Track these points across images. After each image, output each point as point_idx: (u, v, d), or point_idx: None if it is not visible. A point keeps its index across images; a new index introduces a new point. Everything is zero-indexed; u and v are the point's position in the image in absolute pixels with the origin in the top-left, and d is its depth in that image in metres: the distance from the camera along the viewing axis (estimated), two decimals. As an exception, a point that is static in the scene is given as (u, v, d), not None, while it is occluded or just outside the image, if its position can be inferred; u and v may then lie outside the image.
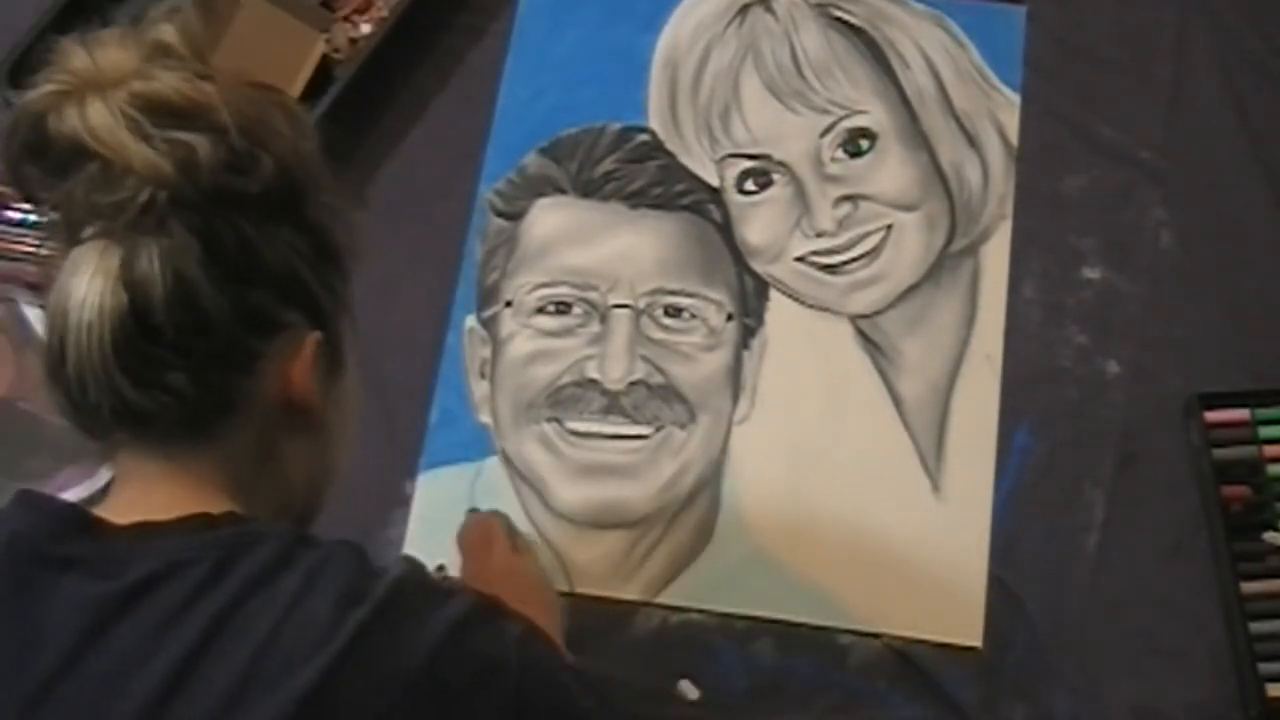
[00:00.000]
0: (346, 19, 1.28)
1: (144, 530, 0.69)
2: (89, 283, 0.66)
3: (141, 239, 0.66)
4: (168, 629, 0.65)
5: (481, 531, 1.06)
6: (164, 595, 0.66)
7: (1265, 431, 1.10)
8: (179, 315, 0.66)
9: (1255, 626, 1.04)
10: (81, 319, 0.66)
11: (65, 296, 0.67)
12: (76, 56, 0.68)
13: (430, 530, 1.12)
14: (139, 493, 0.71)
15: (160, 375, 0.67)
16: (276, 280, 0.70)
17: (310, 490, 0.79)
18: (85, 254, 0.67)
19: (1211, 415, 1.10)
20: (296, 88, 1.23)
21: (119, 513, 0.70)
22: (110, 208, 0.66)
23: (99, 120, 0.66)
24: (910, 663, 1.06)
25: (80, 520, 0.70)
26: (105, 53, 0.68)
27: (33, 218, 1.21)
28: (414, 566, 0.73)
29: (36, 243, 1.20)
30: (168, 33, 0.70)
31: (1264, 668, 1.03)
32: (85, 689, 0.65)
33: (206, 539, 0.68)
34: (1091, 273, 1.18)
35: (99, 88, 0.67)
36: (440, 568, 1.04)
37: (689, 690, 1.05)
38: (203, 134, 0.67)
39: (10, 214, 1.22)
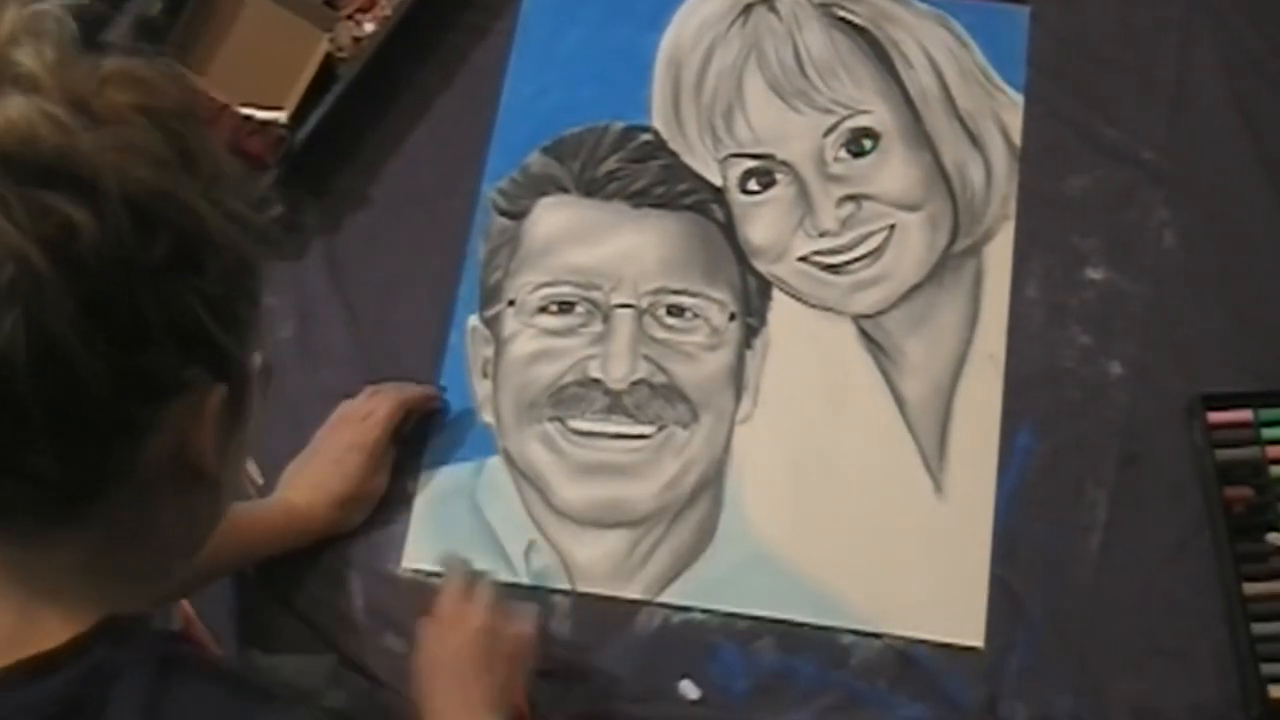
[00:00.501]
0: (350, 18, 1.28)
1: None
2: None
3: (3, 302, 0.53)
4: None
5: (455, 598, 1.00)
6: None
7: (1268, 433, 1.10)
8: (47, 389, 0.54)
9: (1257, 627, 1.04)
10: None
11: None
12: None
13: (431, 529, 1.12)
14: None
15: (20, 458, 0.56)
16: (176, 336, 0.57)
17: (191, 542, 0.68)
18: None
19: (1214, 416, 1.10)
20: (300, 87, 1.23)
21: None
22: None
23: None
24: (912, 663, 1.06)
25: None
26: None
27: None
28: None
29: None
30: (25, 53, 0.54)
31: (1266, 669, 1.03)
32: None
33: (42, 694, 0.57)
34: (1094, 273, 1.18)
35: None
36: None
37: (690, 690, 1.05)
38: (80, 204, 0.52)
39: None
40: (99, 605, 0.61)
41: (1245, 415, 1.11)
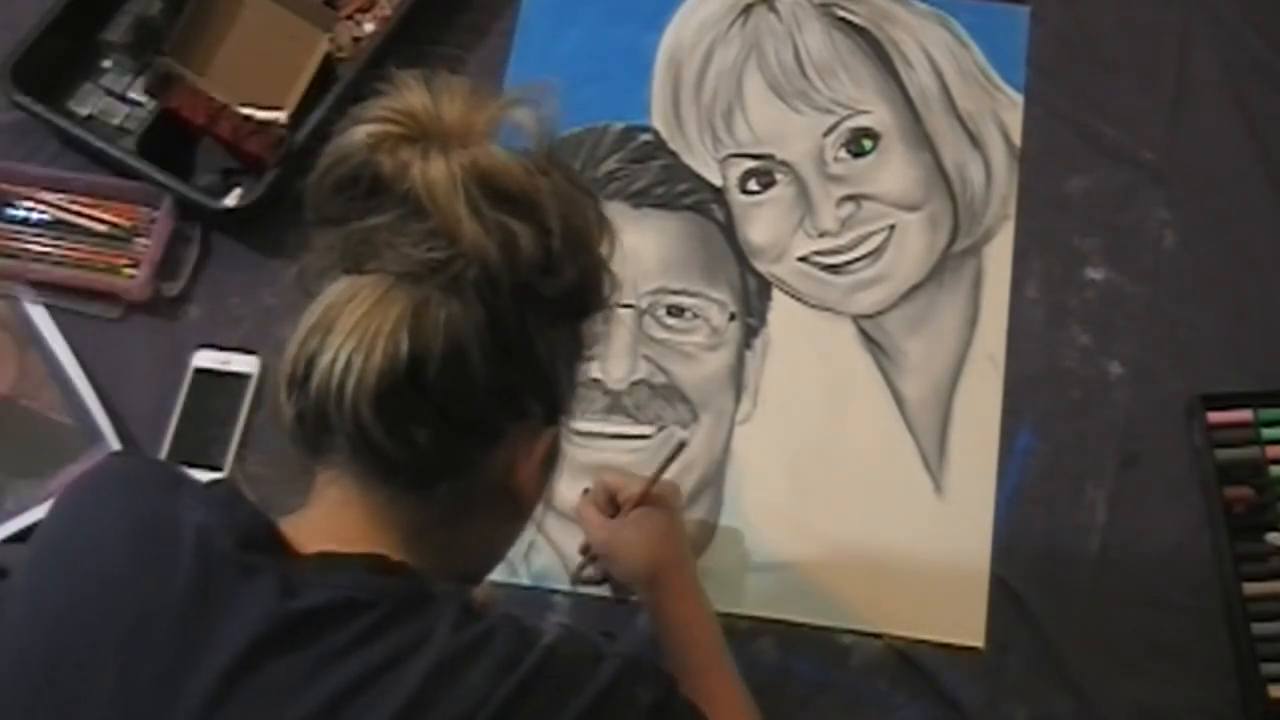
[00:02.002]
0: (350, 18, 1.28)
1: (326, 560, 0.69)
2: (366, 317, 0.65)
3: (434, 295, 0.66)
4: (328, 666, 0.65)
5: (601, 494, 1.06)
6: (333, 630, 0.66)
7: (1268, 433, 1.10)
8: (449, 378, 0.66)
9: (1257, 628, 1.04)
10: (349, 350, 0.65)
11: (332, 320, 0.66)
12: (417, 97, 0.67)
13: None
14: (326, 516, 0.71)
15: (411, 427, 0.67)
16: (538, 372, 0.70)
17: (480, 565, 0.81)
18: (366, 287, 0.66)
19: (1214, 416, 1.10)
20: (300, 86, 1.23)
21: (303, 534, 0.70)
22: (416, 262, 0.66)
23: (439, 181, 0.65)
24: (912, 663, 1.06)
25: (268, 531, 0.70)
26: (453, 106, 0.67)
27: (35, 215, 1.21)
28: (567, 634, 0.72)
29: (38, 241, 1.20)
30: (522, 116, 0.70)
31: (1266, 669, 1.03)
32: (244, 706, 0.65)
33: (384, 585, 0.68)
34: (1094, 273, 1.18)
35: (442, 141, 0.66)
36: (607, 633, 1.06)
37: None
38: (529, 226, 0.67)
39: (12, 211, 1.22)
40: (413, 560, 0.72)
41: (1245, 415, 1.11)
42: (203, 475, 0.80)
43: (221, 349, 1.16)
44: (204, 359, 1.16)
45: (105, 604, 0.68)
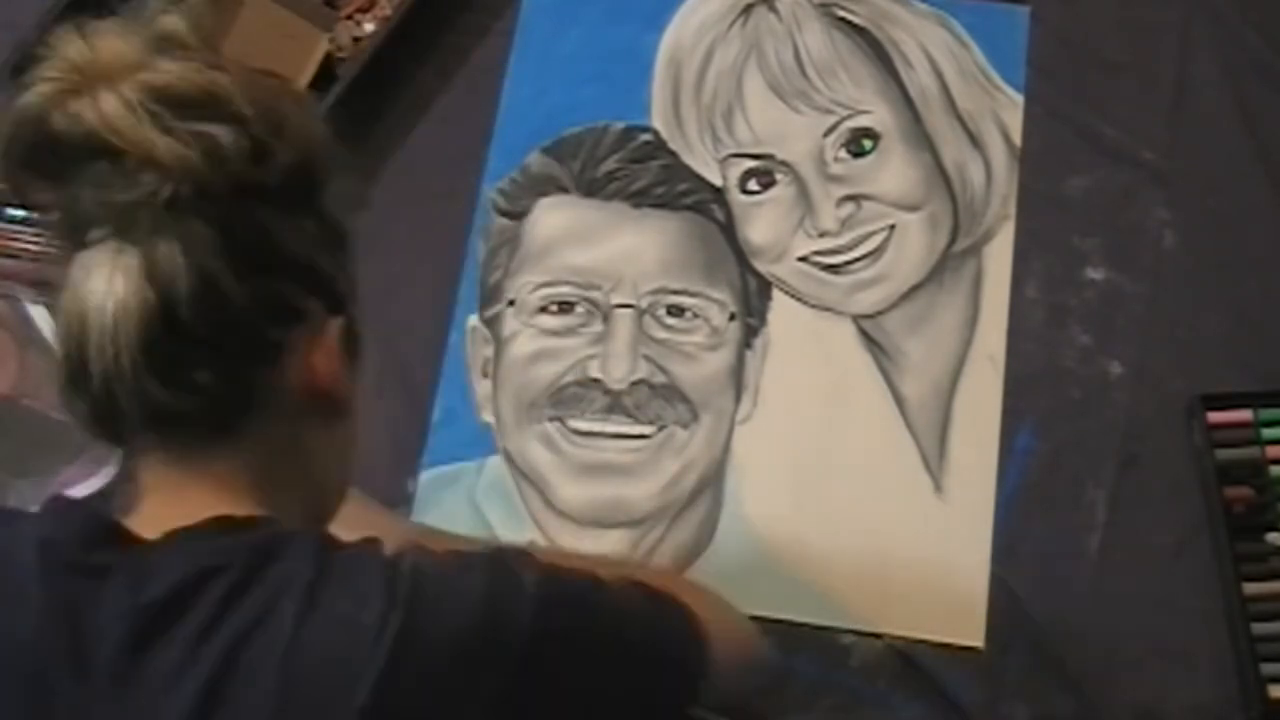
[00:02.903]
0: (349, 17, 1.28)
1: (173, 539, 0.67)
2: (108, 285, 0.64)
3: (161, 235, 0.64)
4: (199, 645, 0.63)
5: None
6: (194, 607, 0.64)
7: (1268, 433, 1.10)
8: (206, 310, 0.64)
9: (1257, 628, 1.04)
10: (105, 322, 0.64)
11: (81, 301, 0.64)
12: (74, 47, 0.65)
13: (432, 529, 1.12)
14: (163, 502, 0.69)
15: (189, 374, 0.65)
16: (296, 269, 0.68)
17: (337, 478, 0.78)
18: (97, 256, 0.64)
19: (1214, 416, 1.10)
20: (300, 86, 1.23)
21: (146, 524, 0.68)
22: (126, 206, 0.63)
23: (116, 114, 0.63)
24: (912, 662, 1.06)
25: (109, 528, 0.68)
26: (106, 42, 0.65)
27: (35, 215, 1.21)
28: (426, 553, 0.70)
29: (37, 240, 1.20)
30: (172, 22, 0.67)
31: (1266, 669, 1.03)
32: (132, 714, 0.64)
33: (235, 542, 0.66)
34: (1094, 273, 1.18)
35: (106, 79, 0.64)
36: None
37: (695, 705, 1.04)
38: (224, 124, 0.64)
39: (11, 211, 1.21)
40: (269, 511, 0.70)
41: (1245, 415, 1.11)
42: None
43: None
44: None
45: None
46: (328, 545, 0.68)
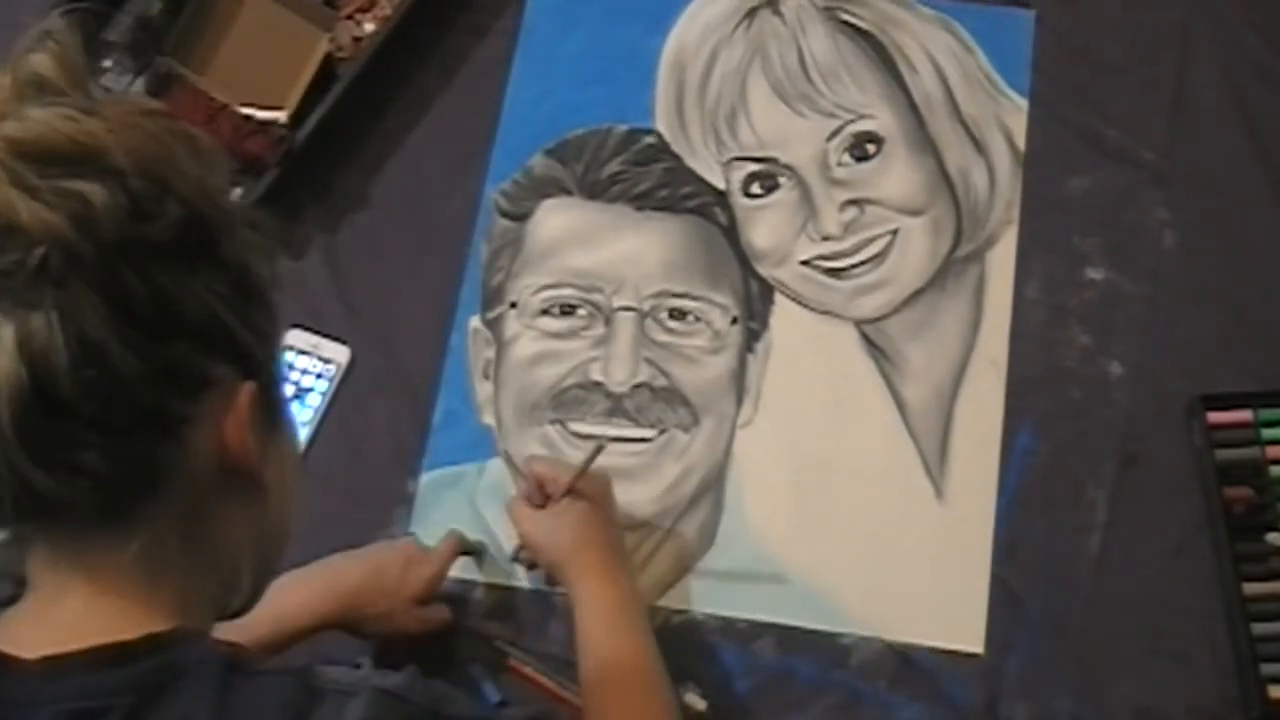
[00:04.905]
0: (350, 17, 1.28)
1: (51, 667, 0.60)
2: None
3: (33, 305, 0.56)
4: None
5: (532, 485, 1.05)
6: None
7: (1268, 433, 1.10)
8: (90, 384, 0.57)
9: (1257, 628, 1.04)
10: None
11: None
12: None
13: (431, 530, 1.12)
14: (47, 605, 0.63)
15: (71, 455, 0.58)
16: (198, 331, 0.61)
17: (255, 560, 0.69)
18: None
19: (1214, 416, 1.11)
20: (300, 86, 1.23)
21: (25, 637, 0.61)
22: None
23: None
24: (912, 663, 1.06)
25: None
26: None
27: None
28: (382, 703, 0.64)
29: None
30: (40, 63, 0.60)
31: (1266, 669, 1.03)
32: None
33: (115, 681, 0.60)
34: (1095, 273, 1.18)
35: None
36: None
37: (695, 701, 1.05)
38: (96, 181, 0.57)
39: None
40: (168, 608, 0.64)
41: (1245, 415, 1.11)
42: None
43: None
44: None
45: None
46: (232, 671, 0.62)
